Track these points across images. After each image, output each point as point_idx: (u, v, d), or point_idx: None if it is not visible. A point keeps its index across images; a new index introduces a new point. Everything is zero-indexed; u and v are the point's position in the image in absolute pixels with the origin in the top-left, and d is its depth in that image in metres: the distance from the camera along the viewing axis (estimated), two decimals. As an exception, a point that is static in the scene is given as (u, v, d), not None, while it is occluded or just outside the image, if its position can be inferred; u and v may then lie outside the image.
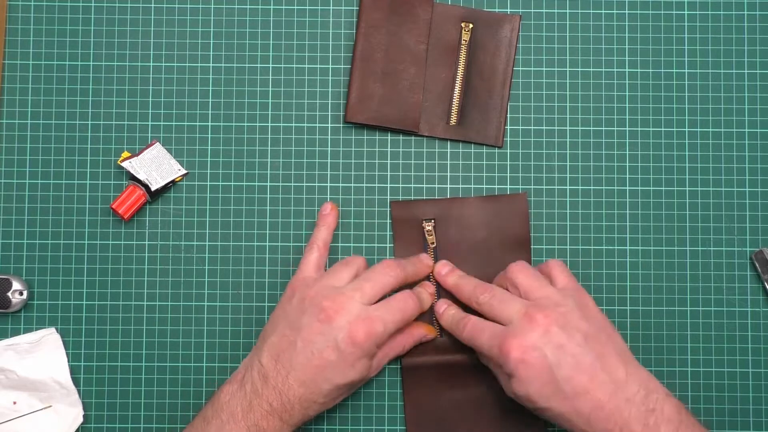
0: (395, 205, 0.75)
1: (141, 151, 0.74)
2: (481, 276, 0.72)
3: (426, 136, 0.76)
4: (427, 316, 0.73)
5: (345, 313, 0.65)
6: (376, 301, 0.67)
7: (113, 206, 0.73)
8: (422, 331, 0.72)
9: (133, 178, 0.73)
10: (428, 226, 0.74)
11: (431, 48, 0.75)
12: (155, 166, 0.73)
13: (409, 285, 0.72)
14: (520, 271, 0.69)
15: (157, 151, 0.74)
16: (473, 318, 0.69)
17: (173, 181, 0.74)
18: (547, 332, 0.64)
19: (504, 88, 0.75)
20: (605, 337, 0.65)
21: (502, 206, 0.74)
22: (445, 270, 0.73)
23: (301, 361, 0.65)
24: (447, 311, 0.72)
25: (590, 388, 0.62)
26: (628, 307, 0.74)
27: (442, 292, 0.74)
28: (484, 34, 0.75)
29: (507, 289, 0.69)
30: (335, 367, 0.65)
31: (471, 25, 0.75)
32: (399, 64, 0.74)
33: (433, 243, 0.74)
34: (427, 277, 0.73)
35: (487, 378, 0.72)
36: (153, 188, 0.73)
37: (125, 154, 0.74)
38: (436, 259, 0.74)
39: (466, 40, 0.75)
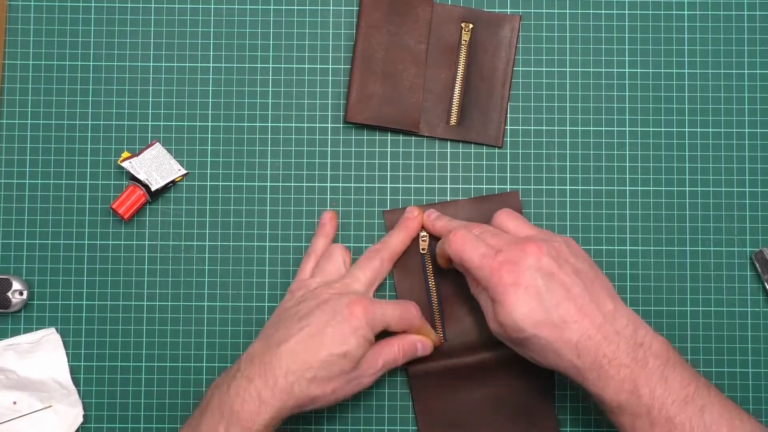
0: (388, 214, 0.75)
1: (141, 151, 0.74)
2: None
3: (426, 136, 0.76)
4: (424, 312, 0.73)
5: (345, 294, 0.67)
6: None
7: (113, 206, 0.73)
8: (417, 338, 0.70)
9: (133, 178, 0.73)
10: (422, 232, 0.74)
11: (431, 48, 0.75)
12: (155, 166, 0.73)
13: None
14: (508, 217, 0.69)
15: (157, 151, 0.74)
16: (462, 230, 0.68)
17: (173, 181, 0.74)
18: (539, 260, 0.63)
19: (504, 88, 0.75)
20: (593, 274, 0.65)
21: (494, 206, 0.74)
22: (433, 215, 0.73)
23: (294, 333, 0.64)
24: (440, 219, 0.72)
25: (579, 318, 0.62)
26: (628, 307, 0.74)
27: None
28: (484, 35, 0.75)
29: None
30: (331, 335, 0.64)
31: (471, 25, 0.75)
32: (399, 65, 0.74)
33: (423, 250, 0.74)
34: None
35: (495, 378, 0.72)
36: (153, 188, 0.73)
37: (125, 154, 0.74)
38: (432, 265, 0.74)
39: (466, 40, 0.75)
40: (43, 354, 0.73)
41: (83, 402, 0.74)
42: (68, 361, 0.74)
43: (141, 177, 0.73)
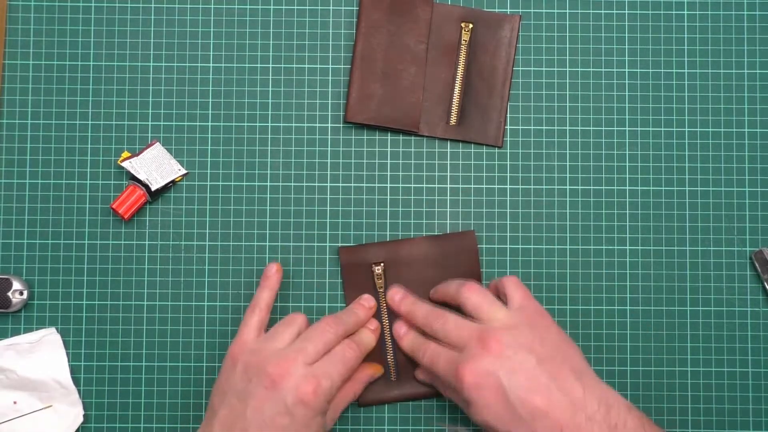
0: (343, 251, 0.74)
1: (141, 151, 0.74)
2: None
3: (426, 136, 0.76)
4: (377, 350, 0.73)
5: (290, 377, 0.64)
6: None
7: (113, 206, 0.73)
8: (369, 372, 0.72)
9: (134, 178, 0.73)
10: (378, 270, 0.74)
11: (431, 48, 0.75)
12: (155, 165, 0.73)
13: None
14: (471, 293, 0.68)
15: (157, 151, 0.74)
16: (432, 345, 0.68)
17: (173, 181, 0.74)
18: (500, 356, 0.63)
19: (504, 88, 0.75)
20: (560, 357, 0.64)
21: (451, 245, 0.74)
22: (397, 297, 0.73)
23: (250, 427, 0.63)
24: (407, 336, 0.72)
25: (548, 410, 0.61)
26: (628, 307, 0.74)
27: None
28: (484, 34, 0.75)
29: (458, 310, 0.69)
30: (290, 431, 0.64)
31: (471, 25, 0.75)
32: (399, 64, 0.74)
33: (381, 288, 0.74)
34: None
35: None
36: (153, 188, 0.73)
37: (125, 154, 0.74)
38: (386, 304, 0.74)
39: (466, 40, 0.75)
40: (43, 354, 0.73)
41: (83, 402, 0.74)
42: (68, 361, 0.74)
43: (141, 177, 0.73)
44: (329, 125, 0.76)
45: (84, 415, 0.73)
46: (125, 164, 0.73)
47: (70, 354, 0.74)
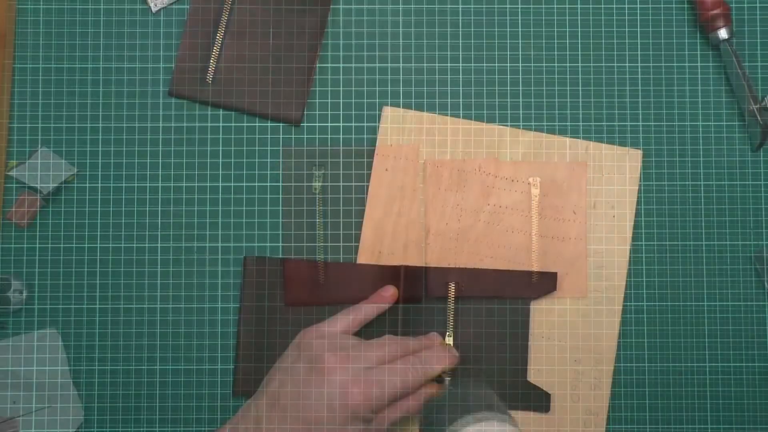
0: (286, 153, 0.75)
1: (28, 158, 0.74)
2: None
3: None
4: None
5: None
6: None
7: (8, 218, 0.73)
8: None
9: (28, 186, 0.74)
10: (318, 171, 0.74)
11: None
12: (43, 170, 0.74)
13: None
14: None
15: (43, 155, 0.74)
16: None
17: (66, 182, 0.74)
18: None
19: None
20: None
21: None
22: None
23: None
24: None
25: None
26: (632, 304, 0.73)
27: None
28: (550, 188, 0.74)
29: None
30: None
31: (538, 179, 0.74)
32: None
33: (316, 189, 0.74)
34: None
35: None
36: (44, 192, 0.73)
37: (12, 163, 0.74)
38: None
39: (536, 195, 0.74)
40: (43, 354, 0.74)
41: (83, 402, 0.74)
42: (68, 361, 0.74)
43: (32, 183, 0.73)
44: (329, 125, 0.76)
45: (84, 415, 0.73)
46: (13, 173, 0.73)
47: (70, 354, 0.74)
